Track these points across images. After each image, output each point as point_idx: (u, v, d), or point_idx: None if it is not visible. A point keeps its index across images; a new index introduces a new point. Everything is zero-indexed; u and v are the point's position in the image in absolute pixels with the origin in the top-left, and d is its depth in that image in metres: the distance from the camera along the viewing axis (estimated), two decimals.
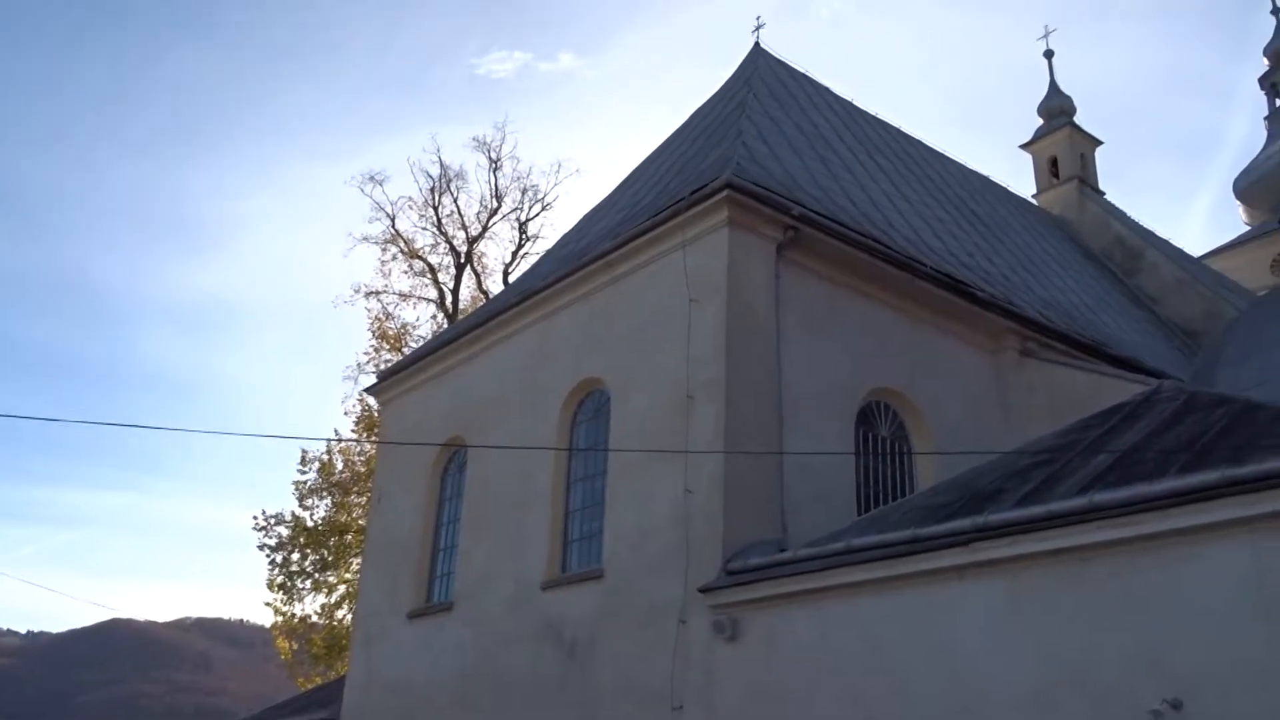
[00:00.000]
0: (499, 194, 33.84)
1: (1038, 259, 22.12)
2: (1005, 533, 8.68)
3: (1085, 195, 29.07)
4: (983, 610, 8.78)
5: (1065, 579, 8.32)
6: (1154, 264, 26.77)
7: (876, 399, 13.89)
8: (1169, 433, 9.33)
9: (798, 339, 12.90)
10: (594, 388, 14.28)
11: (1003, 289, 16.92)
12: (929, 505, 10.25)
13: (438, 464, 17.02)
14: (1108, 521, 8.02)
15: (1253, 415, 8.92)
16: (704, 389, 12.17)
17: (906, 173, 20.81)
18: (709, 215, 12.83)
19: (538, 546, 14.00)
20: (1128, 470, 8.60)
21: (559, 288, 15.13)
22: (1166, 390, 11.01)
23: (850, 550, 9.95)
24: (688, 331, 12.60)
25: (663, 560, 11.91)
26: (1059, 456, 9.90)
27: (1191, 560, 7.58)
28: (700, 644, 11.16)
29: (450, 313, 31.55)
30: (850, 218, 14.65)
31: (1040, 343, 16.02)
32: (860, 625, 9.71)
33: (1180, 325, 25.34)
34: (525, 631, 13.61)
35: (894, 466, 13.83)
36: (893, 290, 14.27)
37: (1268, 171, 34.36)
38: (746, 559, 10.98)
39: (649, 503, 12.40)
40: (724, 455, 11.55)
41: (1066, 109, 31.31)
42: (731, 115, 17.35)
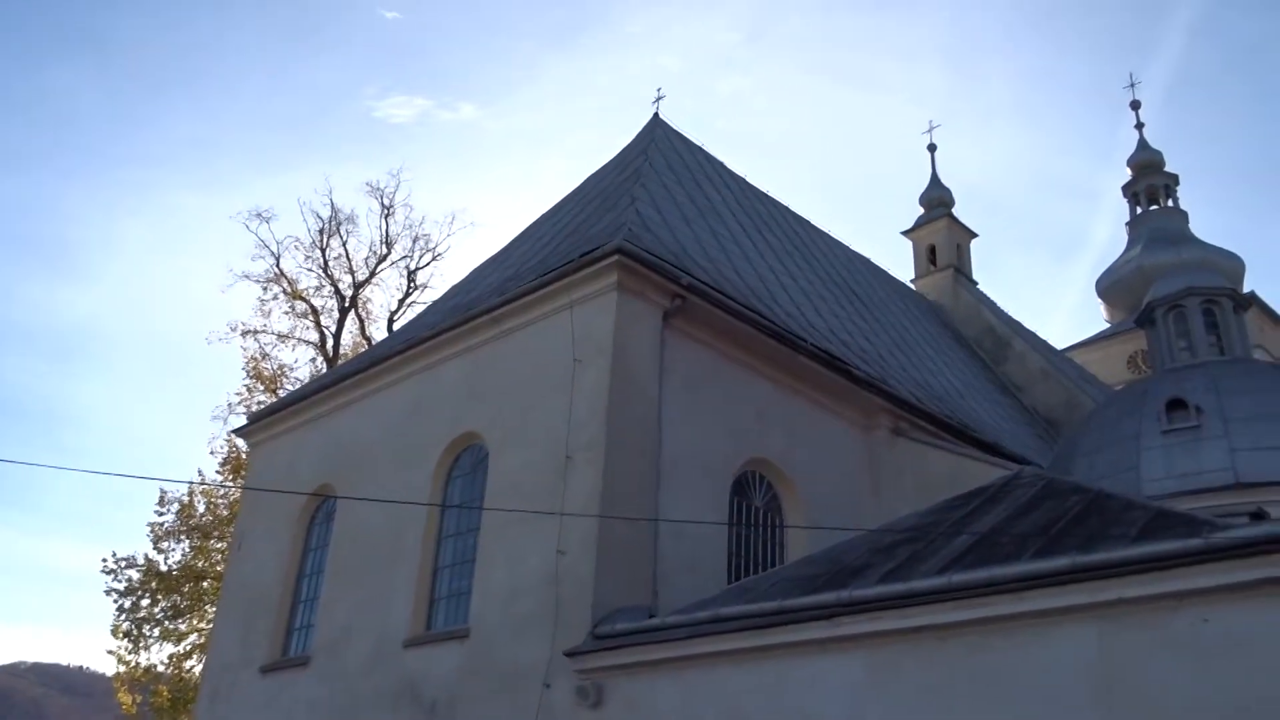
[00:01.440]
0: (389, 240, 33.44)
1: (913, 342, 22.90)
2: (868, 608, 8.84)
3: (960, 284, 30.33)
4: (843, 684, 8.88)
5: (923, 656, 8.49)
6: (1021, 354, 28.00)
7: (752, 469, 14.07)
8: (1026, 517, 9.68)
9: (678, 405, 13.02)
10: (472, 442, 14.09)
11: (879, 369, 17.44)
12: (797, 577, 10.37)
13: (305, 512, 16.48)
14: (964, 601, 8.25)
15: (1104, 504, 9.34)
16: (583, 450, 12.13)
17: (793, 250, 21.40)
18: (598, 278, 12.92)
19: (403, 602, 13.63)
20: (986, 552, 8.89)
21: (443, 339, 14.96)
22: (1026, 476, 11.45)
23: (718, 619, 9.98)
24: (570, 392, 12.59)
25: (530, 621, 11.73)
26: (923, 535, 10.17)
27: (1041, 642, 7.84)
28: (563, 710, 10.97)
29: (330, 357, 30.82)
30: (736, 290, 14.95)
31: (911, 423, 16.52)
32: (724, 695, 9.70)
33: (1042, 414, 26.49)
34: (384, 690, 13.17)
35: (766, 536, 13.99)
36: (773, 363, 14.56)
37: (1127, 274, 36.48)
38: (614, 624, 10.89)
39: (520, 562, 12.23)
40: (599, 518, 11.49)
41: (946, 200, 32.77)
42: (627, 182, 17.60)
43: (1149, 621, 7.34)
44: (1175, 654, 7.14)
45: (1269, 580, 6.87)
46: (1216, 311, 17.90)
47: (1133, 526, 8.22)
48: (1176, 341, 17.98)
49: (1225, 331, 17.73)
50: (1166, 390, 15.93)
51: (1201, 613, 7.10)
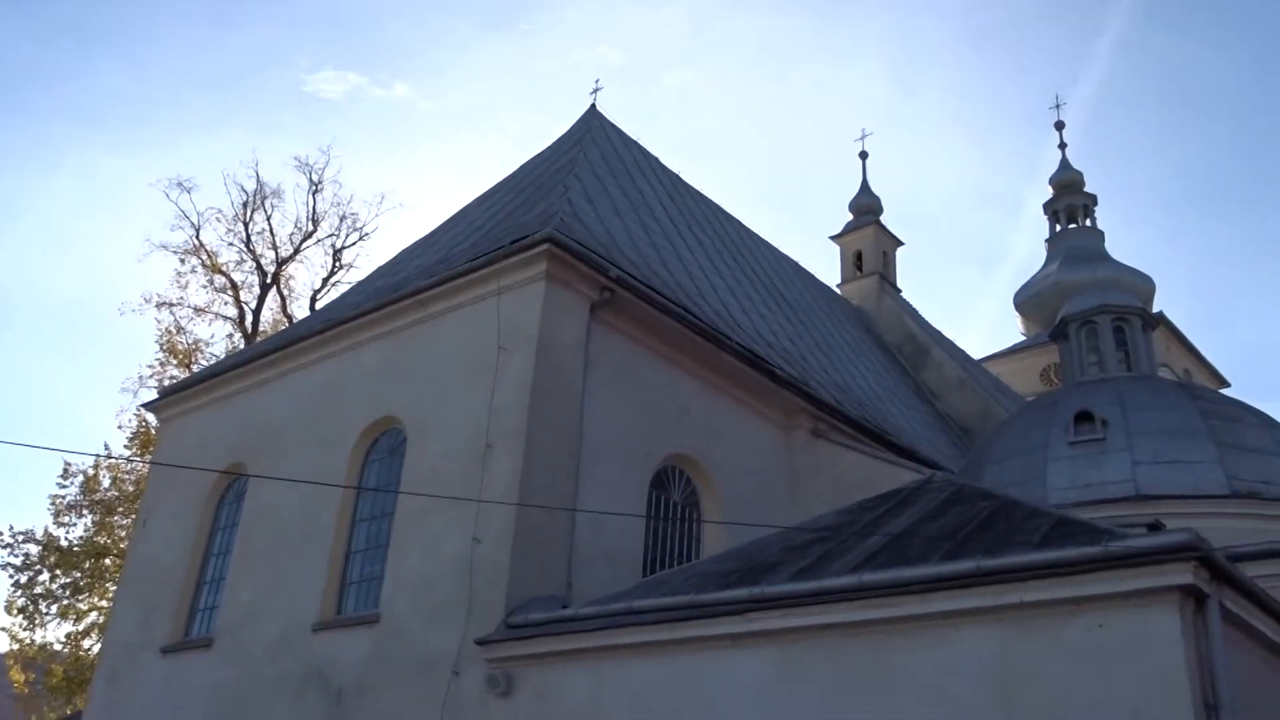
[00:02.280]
0: (316, 217, 32.80)
1: (836, 345, 23.26)
2: (779, 605, 8.95)
3: (884, 291, 30.90)
4: (753, 680, 8.98)
5: (832, 653, 8.63)
6: (939, 362, 28.63)
7: (672, 463, 14.15)
8: (935, 521, 9.90)
9: (602, 398, 13.03)
10: (390, 426, 13.92)
11: (801, 370, 17.68)
12: (711, 572, 10.46)
13: (214, 491, 16.12)
14: (873, 601, 8.40)
15: (1010, 511, 9.58)
16: (504, 438, 12.08)
17: (722, 249, 21.56)
18: (527, 267, 12.86)
19: (313, 586, 13.41)
20: (895, 553, 9.06)
21: (366, 320, 14.74)
22: (938, 481, 11.71)
23: (631, 611, 10.01)
24: (493, 379, 12.52)
25: (443, 609, 11.64)
26: (836, 535, 10.34)
27: (944, 643, 8.02)
28: (472, 698, 10.92)
29: (249, 333, 30.15)
30: (665, 285, 15.01)
31: (830, 424, 16.78)
32: (634, 687, 9.74)
33: (957, 421, 27.12)
34: (289, 674, 12.95)
35: (683, 531, 14.09)
36: (698, 360, 14.66)
37: (1044, 289, 37.52)
38: (528, 614, 10.87)
39: (435, 549, 12.13)
40: (516, 507, 11.45)
41: (874, 208, 33.34)
42: (560, 172, 17.55)
43: (1047, 625, 7.56)
44: (1071, 657, 7.37)
45: (1162, 589, 7.13)
46: (1126, 329, 18.52)
47: (1036, 533, 8.45)
48: (1087, 356, 18.55)
49: (1134, 349, 18.35)
50: (1075, 403, 16.43)
51: (1097, 618, 7.34)
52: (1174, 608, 7.09)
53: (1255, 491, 14.63)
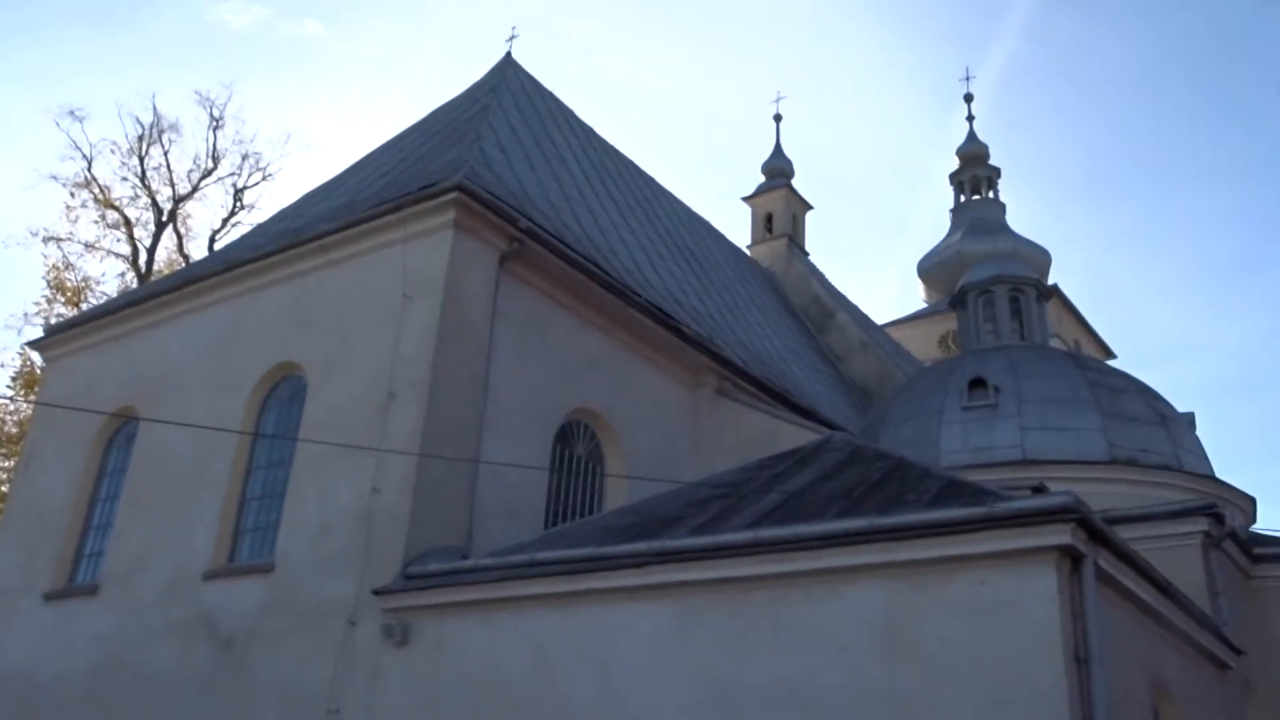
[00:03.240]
0: (216, 155, 31.67)
1: (743, 305, 23.48)
2: (678, 558, 9.08)
3: (793, 253, 31.26)
4: (650, 632, 9.12)
5: (728, 607, 8.81)
6: (843, 325, 29.16)
7: (577, 418, 14.18)
8: (832, 480, 10.14)
9: (508, 350, 12.95)
10: (290, 373, 13.62)
11: (708, 329, 17.82)
12: (612, 526, 10.56)
13: (103, 434, 15.60)
14: (769, 556, 8.59)
15: (904, 472, 9.87)
16: (407, 388, 11.93)
17: (635, 205, 21.51)
18: (435, 214, 12.64)
19: (205, 533, 13.13)
20: (792, 510, 9.27)
21: (267, 263, 14.35)
22: (836, 441, 11.97)
23: (532, 563, 10.05)
24: (398, 328, 12.33)
25: (339, 559, 11.52)
26: (736, 491, 10.52)
27: (836, 597, 8.26)
28: (367, 647, 10.86)
29: (143, 273, 29.08)
30: (575, 239, 14.93)
31: (735, 383, 16.98)
32: (532, 638, 9.80)
33: (858, 384, 27.72)
34: (178, 622, 12.69)
35: (586, 485, 14.16)
36: (606, 315, 14.65)
37: (946, 258, 38.41)
38: (426, 564, 10.82)
39: (333, 498, 11.96)
40: (418, 458, 11.34)
41: (786, 171, 33.60)
42: (473, 119, 17.23)
43: (933, 582, 7.84)
44: (953, 612, 7.66)
45: (1041, 548, 7.45)
46: (1022, 300, 19.13)
47: (927, 494, 8.73)
48: (984, 325, 19.13)
49: (1028, 319, 18.98)
50: (970, 369, 16.94)
51: (980, 575, 7.64)
52: (1052, 566, 7.42)
53: (1134, 459, 15.33)
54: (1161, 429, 16.05)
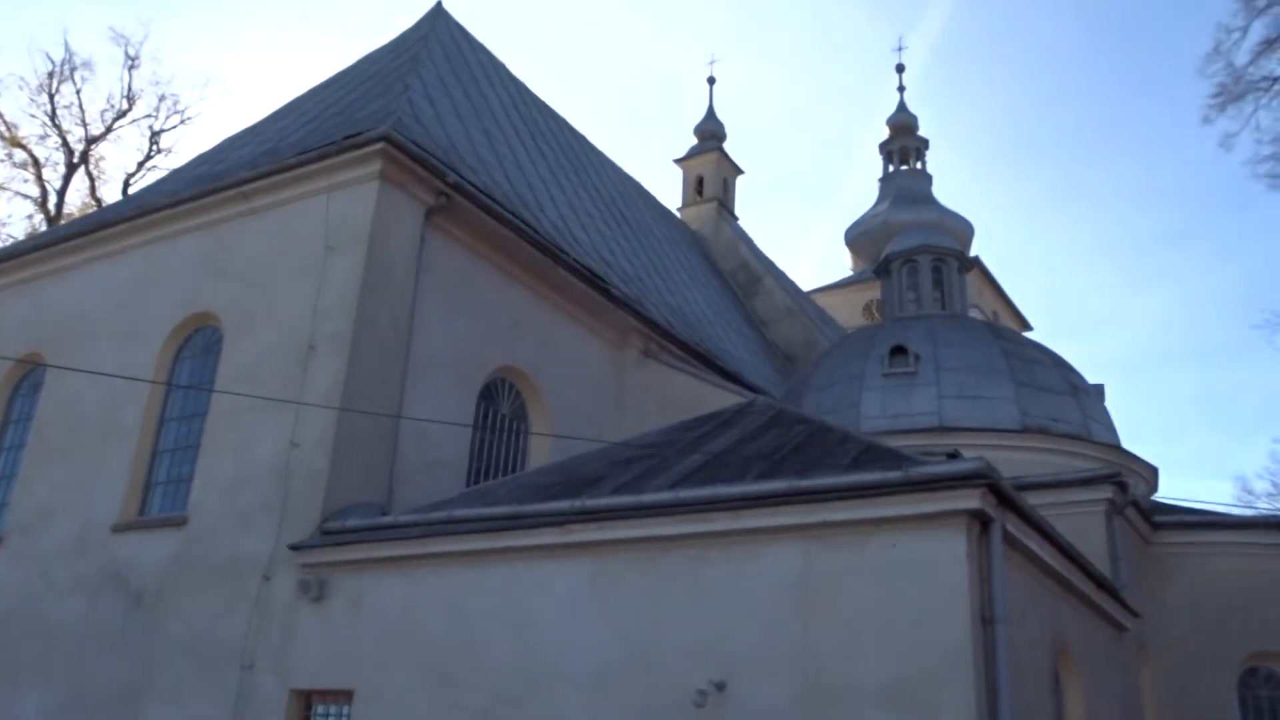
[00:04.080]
0: (131, 96, 30.55)
1: (671, 268, 23.51)
2: (599, 518, 9.11)
3: (722, 217, 31.36)
4: (568, 590, 9.16)
5: (646, 566, 8.88)
6: (769, 291, 29.40)
7: (502, 376, 14.09)
8: (754, 442, 10.25)
9: (433, 305, 12.78)
10: (206, 323, 13.28)
11: (636, 290, 17.81)
12: (534, 484, 10.55)
13: (7, 381, 15.08)
14: (689, 516, 8.67)
15: (824, 435, 10.01)
16: (327, 341, 11.71)
17: (565, 163, 21.32)
18: (360, 165, 12.37)
19: (114, 485, 12.80)
20: (714, 472, 9.35)
21: (184, 209, 13.91)
22: (759, 405, 12.10)
23: (451, 520, 10.01)
24: (319, 280, 12.08)
25: (255, 513, 11.34)
26: (659, 452, 10.57)
27: (754, 558, 8.37)
28: (283, 603, 10.73)
29: (52, 215, 28.02)
30: (504, 195, 14.75)
31: (661, 345, 17.04)
32: (450, 595, 9.78)
33: (783, 349, 28.03)
34: (86, 576, 12.39)
35: (509, 444, 14.11)
36: (534, 273, 14.54)
37: (873, 227, 38.90)
38: (345, 520, 10.71)
39: (249, 452, 11.74)
40: (338, 412, 11.18)
41: (718, 134, 33.60)
42: (402, 69, 16.86)
43: (848, 543, 7.99)
44: (867, 573, 7.83)
45: (952, 512, 7.63)
46: (944, 270, 19.48)
47: (845, 457, 8.87)
48: (906, 293, 19.45)
49: (949, 289, 19.34)
50: (892, 337, 17.23)
51: (893, 537, 7.81)
52: (962, 530, 7.61)
53: (1044, 427, 15.79)
54: (1072, 399, 16.54)
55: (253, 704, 10.53)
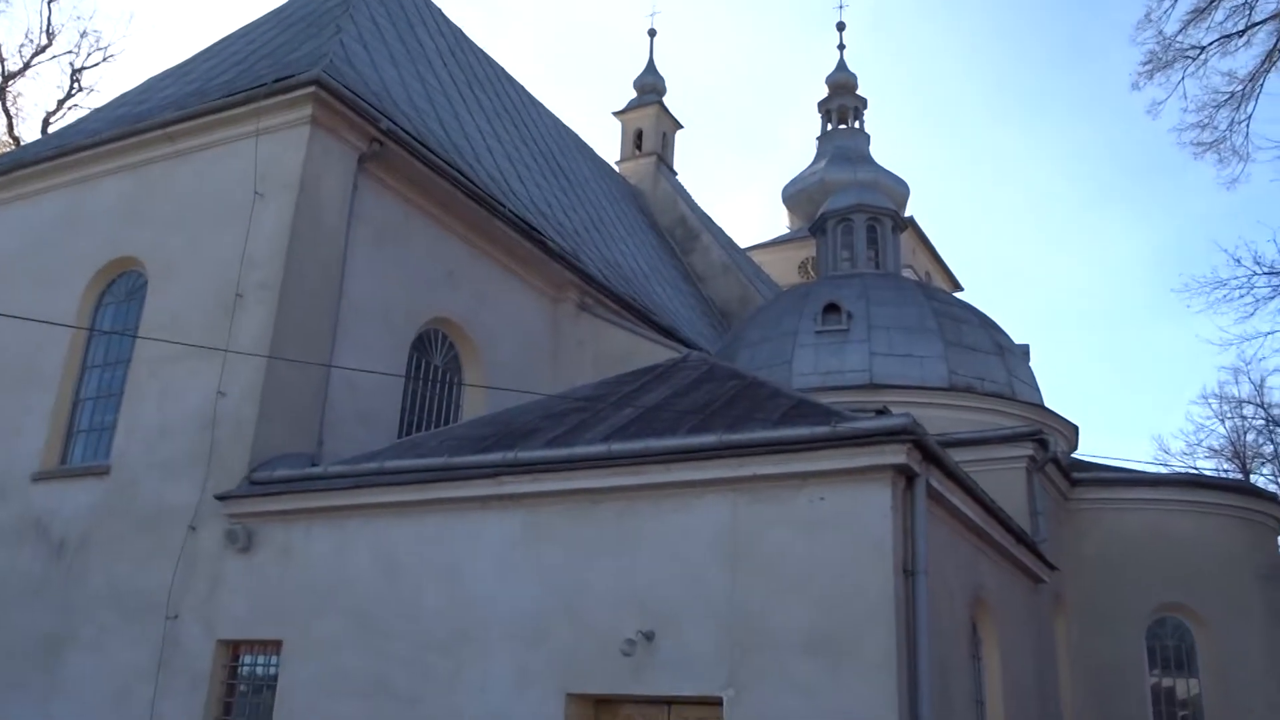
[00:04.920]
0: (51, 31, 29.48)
1: (609, 222, 23.42)
2: (531, 470, 9.14)
3: (661, 172, 31.25)
4: (499, 541, 9.19)
5: (577, 518, 8.94)
6: (707, 247, 29.47)
7: (435, 327, 13.97)
8: (687, 397, 10.32)
9: (365, 255, 12.60)
10: (129, 268, 12.95)
11: (573, 244, 17.73)
12: (467, 436, 10.52)
13: None
14: (620, 469, 8.73)
15: (756, 391, 10.12)
16: (256, 289, 11.50)
17: (503, 113, 21.03)
18: (290, 109, 12.08)
19: (34, 433, 12.50)
20: (646, 425, 9.41)
21: (106, 150, 13.49)
22: (692, 360, 12.17)
23: (382, 472, 9.95)
24: (247, 226, 11.83)
25: (180, 462, 11.16)
26: (592, 405, 10.60)
27: (684, 510, 8.47)
28: (208, 553, 10.63)
29: None
30: (439, 144, 14.53)
31: (597, 299, 17.02)
32: (381, 546, 9.76)
33: (718, 305, 28.17)
34: (4, 525, 12.16)
35: (442, 395, 14.03)
36: (469, 224, 14.39)
37: (810, 185, 39.08)
38: (273, 470, 10.59)
39: (175, 401, 11.53)
40: (266, 361, 11.00)
41: (658, 88, 33.36)
42: (334, 11, 16.42)
43: (776, 496, 8.12)
44: (794, 526, 7.97)
45: (878, 467, 7.80)
46: (878, 229, 19.69)
47: (776, 412, 8.98)
48: (841, 252, 19.64)
49: (883, 248, 19.57)
50: (825, 294, 17.41)
51: (820, 491, 7.96)
52: (887, 484, 7.78)
53: (971, 386, 16.14)
54: (999, 359, 16.91)
55: (178, 654, 10.45)
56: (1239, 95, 13.22)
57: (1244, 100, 13.01)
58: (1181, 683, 14.95)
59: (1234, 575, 15.11)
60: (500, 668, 8.76)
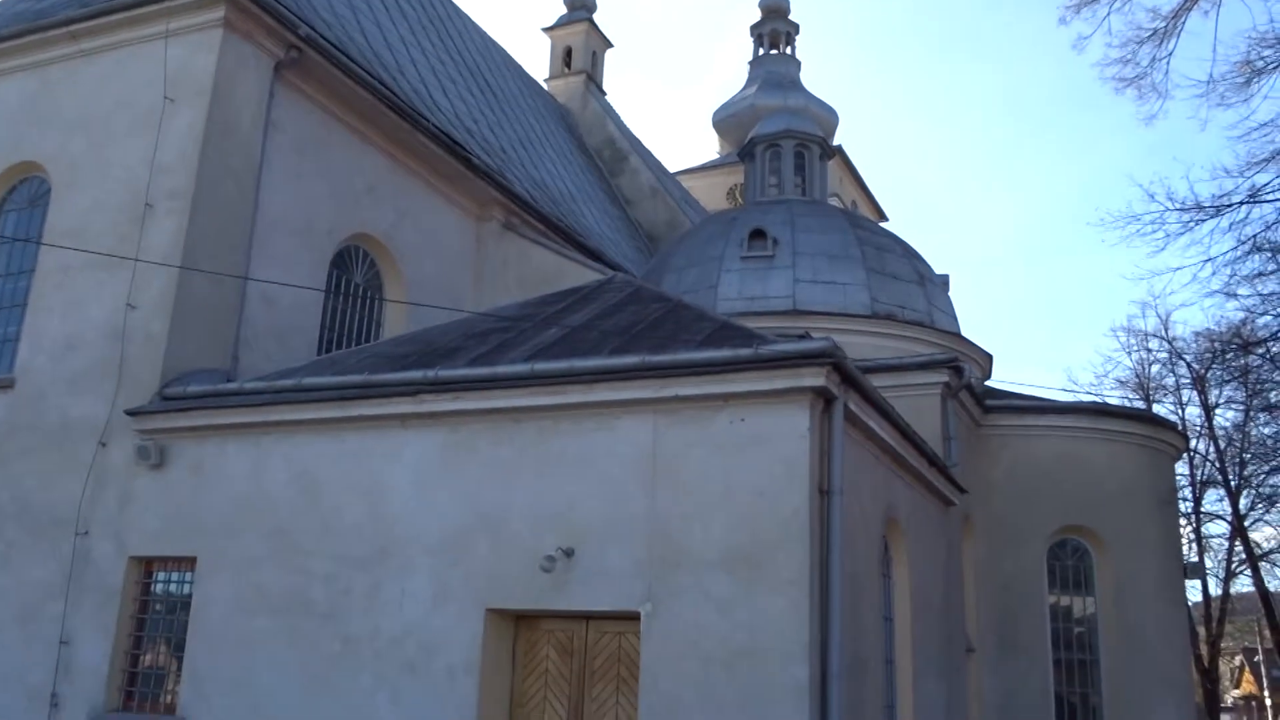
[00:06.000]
0: None
1: (536, 141, 23.04)
2: (452, 388, 9.06)
3: (590, 92, 30.74)
4: (419, 459, 9.14)
5: (498, 436, 8.92)
6: (635, 169, 29.21)
7: (355, 243, 13.68)
8: (611, 318, 10.30)
9: (282, 165, 12.21)
10: (31, 173, 12.37)
11: (499, 162, 17.42)
12: (387, 354, 10.38)
13: None
14: (542, 389, 8.71)
15: (680, 313, 10.13)
16: (166, 199, 11.09)
17: (429, 25, 20.41)
18: (202, 10, 11.56)
19: None
20: (570, 346, 9.38)
21: (4, 48, 12.76)
22: (618, 281, 12.12)
23: (300, 389, 9.78)
24: (157, 133, 11.36)
25: (89, 376, 10.84)
26: (516, 325, 10.52)
27: (605, 430, 8.51)
28: (119, 469, 10.39)
29: None
30: (361, 54, 14.06)
31: (522, 219, 16.80)
32: (297, 463, 9.64)
33: (646, 229, 28.05)
34: None
35: (363, 313, 13.80)
36: (391, 138, 14.02)
37: (740, 110, 38.83)
38: (186, 385, 10.34)
39: (82, 313, 11.15)
40: (178, 274, 10.67)
41: (589, 4, 32.63)
42: None
43: (697, 418, 8.20)
44: (714, 446, 8.07)
45: (797, 389, 7.89)
46: (806, 156, 19.68)
47: (699, 335, 9.02)
48: (769, 178, 19.62)
49: (810, 175, 19.59)
50: (752, 220, 17.41)
51: (740, 412, 8.04)
52: (806, 406, 7.89)
53: (892, 314, 16.38)
54: (919, 288, 17.17)
55: (90, 571, 10.26)
56: (1161, 32, 13.37)
57: (1165, 37, 13.18)
58: (1079, 600, 15.66)
59: (1133, 500, 15.78)
60: (420, 584, 8.78)
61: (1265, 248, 12.24)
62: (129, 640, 10.12)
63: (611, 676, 8.52)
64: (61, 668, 10.10)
